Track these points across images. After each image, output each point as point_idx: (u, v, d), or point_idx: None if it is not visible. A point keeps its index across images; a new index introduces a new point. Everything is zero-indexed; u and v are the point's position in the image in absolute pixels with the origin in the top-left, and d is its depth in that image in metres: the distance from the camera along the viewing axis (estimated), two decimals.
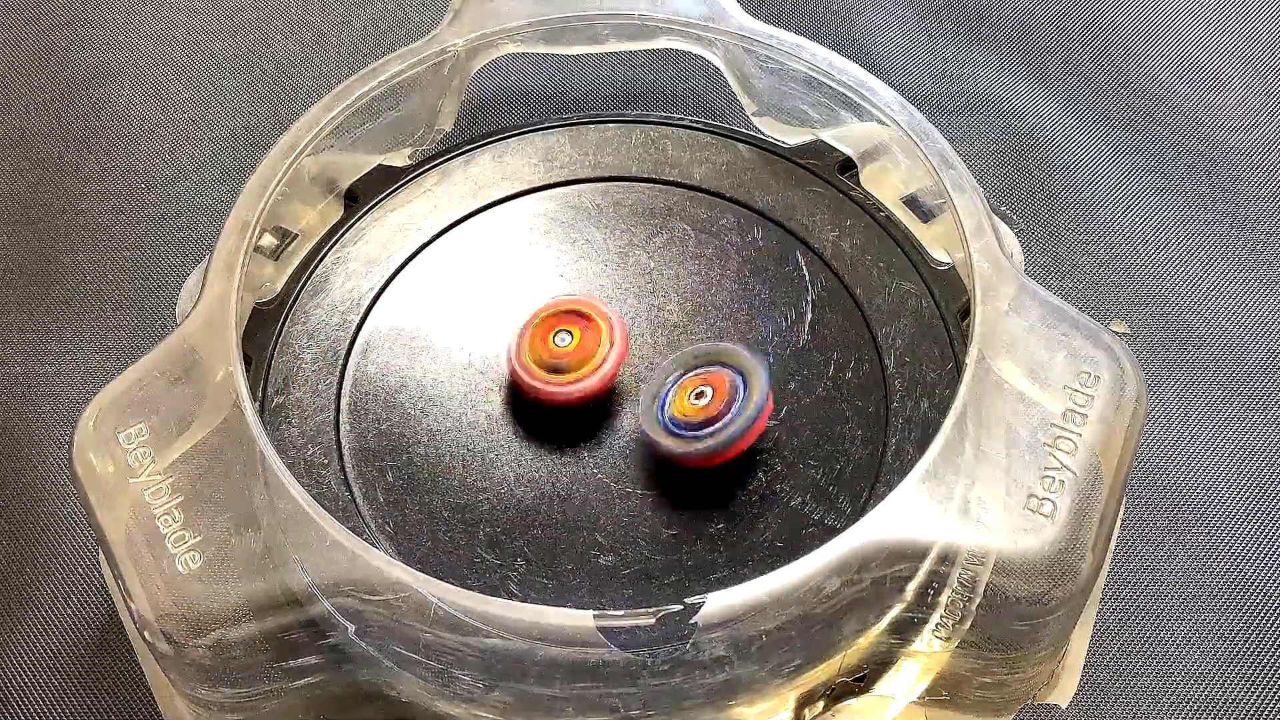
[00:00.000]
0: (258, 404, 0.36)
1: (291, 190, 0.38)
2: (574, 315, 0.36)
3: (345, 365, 0.37)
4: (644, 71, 0.50)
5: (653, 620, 0.31)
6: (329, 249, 0.39)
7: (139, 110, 0.50)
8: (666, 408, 0.35)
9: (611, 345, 0.36)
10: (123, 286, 0.46)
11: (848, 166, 0.40)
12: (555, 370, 0.36)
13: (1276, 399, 0.45)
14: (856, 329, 0.38)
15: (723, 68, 0.42)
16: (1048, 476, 0.33)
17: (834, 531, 0.33)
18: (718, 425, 0.34)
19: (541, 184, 0.40)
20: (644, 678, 0.31)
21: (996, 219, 0.37)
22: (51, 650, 0.40)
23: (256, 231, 0.36)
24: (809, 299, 0.38)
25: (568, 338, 0.36)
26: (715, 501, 0.35)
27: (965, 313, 0.37)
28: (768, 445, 0.36)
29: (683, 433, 0.35)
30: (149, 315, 0.46)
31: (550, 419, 0.36)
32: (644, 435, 0.35)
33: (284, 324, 0.38)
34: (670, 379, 0.36)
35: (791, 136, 0.41)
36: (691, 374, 0.35)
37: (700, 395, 0.35)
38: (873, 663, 0.34)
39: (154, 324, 0.45)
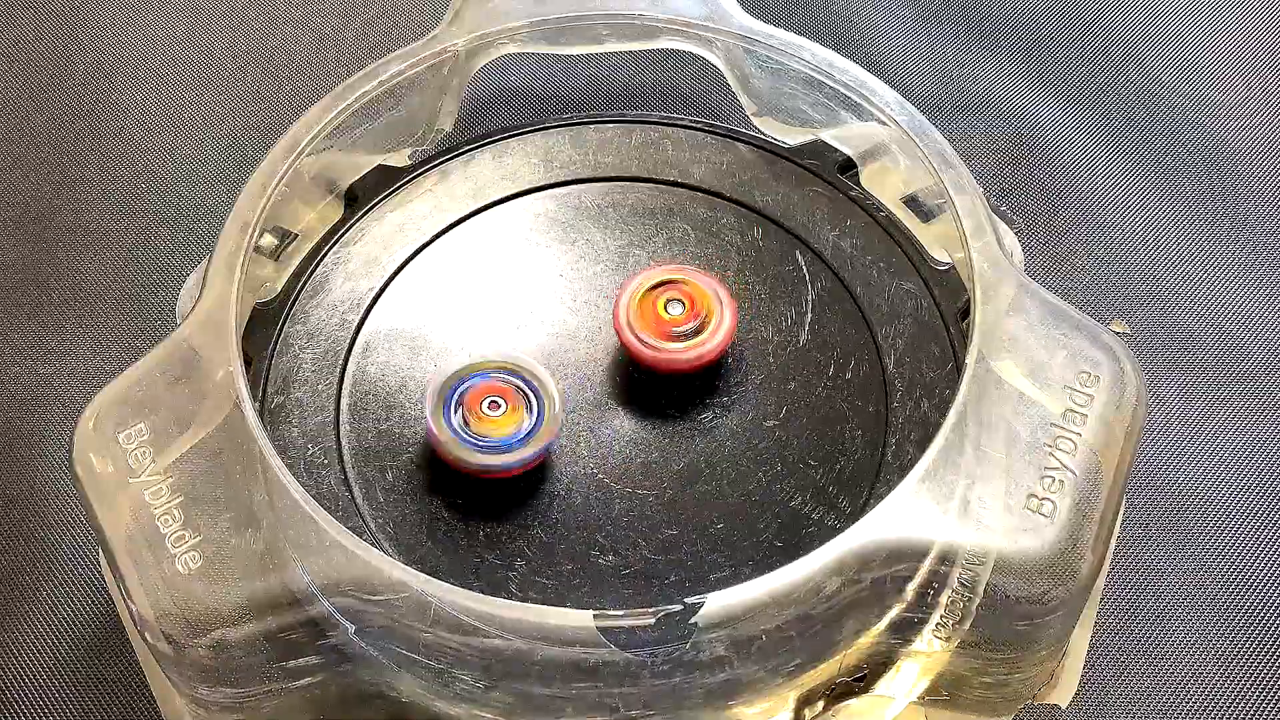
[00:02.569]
0: (258, 404, 0.36)
1: (291, 190, 0.38)
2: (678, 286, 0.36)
3: (345, 365, 0.37)
4: (644, 71, 0.50)
5: (653, 620, 0.30)
6: (329, 249, 0.39)
7: (139, 110, 0.50)
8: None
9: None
10: (123, 286, 0.46)
11: (848, 166, 0.40)
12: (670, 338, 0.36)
13: (1276, 399, 0.45)
14: (856, 329, 0.37)
15: (723, 68, 0.42)
16: (1048, 476, 0.33)
17: (834, 531, 0.33)
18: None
19: (541, 184, 0.40)
20: (644, 678, 0.31)
21: (996, 219, 0.37)
22: (51, 650, 0.40)
23: (256, 231, 0.36)
24: (809, 299, 0.38)
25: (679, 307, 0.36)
26: (715, 501, 0.35)
27: (965, 313, 0.37)
28: (768, 445, 0.36)
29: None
30: (149, 315, 0.46)
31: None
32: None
33: (284, 324, 0.38)
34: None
35: (791, 136, 0.41)
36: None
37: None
38: (873, 663, 0.34)
39: (154, 324, 0.45)
